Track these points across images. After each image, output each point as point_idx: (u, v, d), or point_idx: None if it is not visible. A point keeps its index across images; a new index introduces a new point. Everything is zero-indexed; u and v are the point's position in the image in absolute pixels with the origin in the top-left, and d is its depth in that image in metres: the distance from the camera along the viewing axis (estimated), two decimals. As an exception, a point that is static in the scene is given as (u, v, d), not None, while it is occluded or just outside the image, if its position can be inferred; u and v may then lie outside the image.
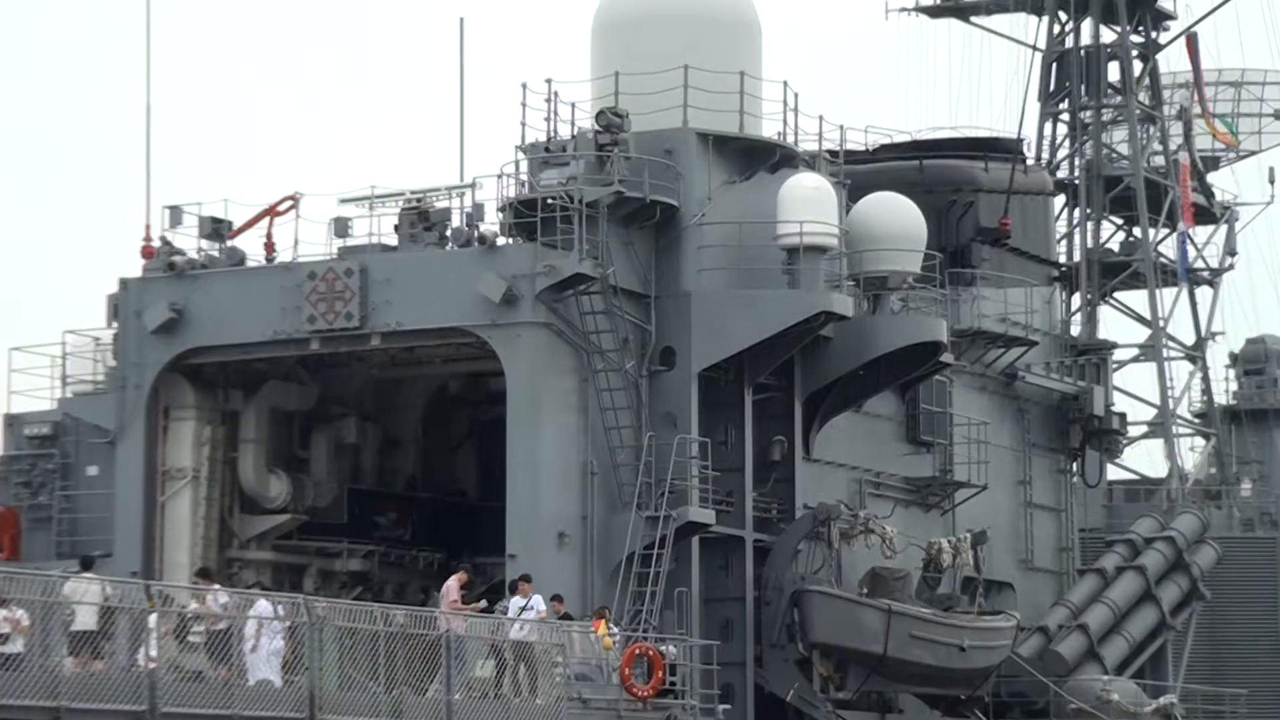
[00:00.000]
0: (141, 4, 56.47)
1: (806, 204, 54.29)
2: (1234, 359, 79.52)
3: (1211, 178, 79.03)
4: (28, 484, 56.53)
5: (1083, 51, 78.26)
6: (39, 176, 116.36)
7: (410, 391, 58.34)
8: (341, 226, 55.02)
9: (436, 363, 55.88)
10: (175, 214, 55.49)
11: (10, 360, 57.14)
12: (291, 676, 41.33)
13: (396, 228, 54.74)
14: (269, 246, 55.41)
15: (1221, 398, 78.89)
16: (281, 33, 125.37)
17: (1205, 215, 78.71)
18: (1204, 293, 79.00)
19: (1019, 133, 75.26)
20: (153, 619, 40.00)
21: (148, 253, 55.36)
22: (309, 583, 53.66)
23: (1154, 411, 76.87)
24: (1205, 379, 78.68)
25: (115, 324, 55.70)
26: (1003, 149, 69.96)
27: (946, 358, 57.90)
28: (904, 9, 78.53)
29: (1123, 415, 72.45)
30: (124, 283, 55.46)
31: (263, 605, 42.87)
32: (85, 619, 38.95)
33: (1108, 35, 78.09)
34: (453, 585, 47.20)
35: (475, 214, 54.27)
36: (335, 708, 40.65)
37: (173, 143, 55.89)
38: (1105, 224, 78.19)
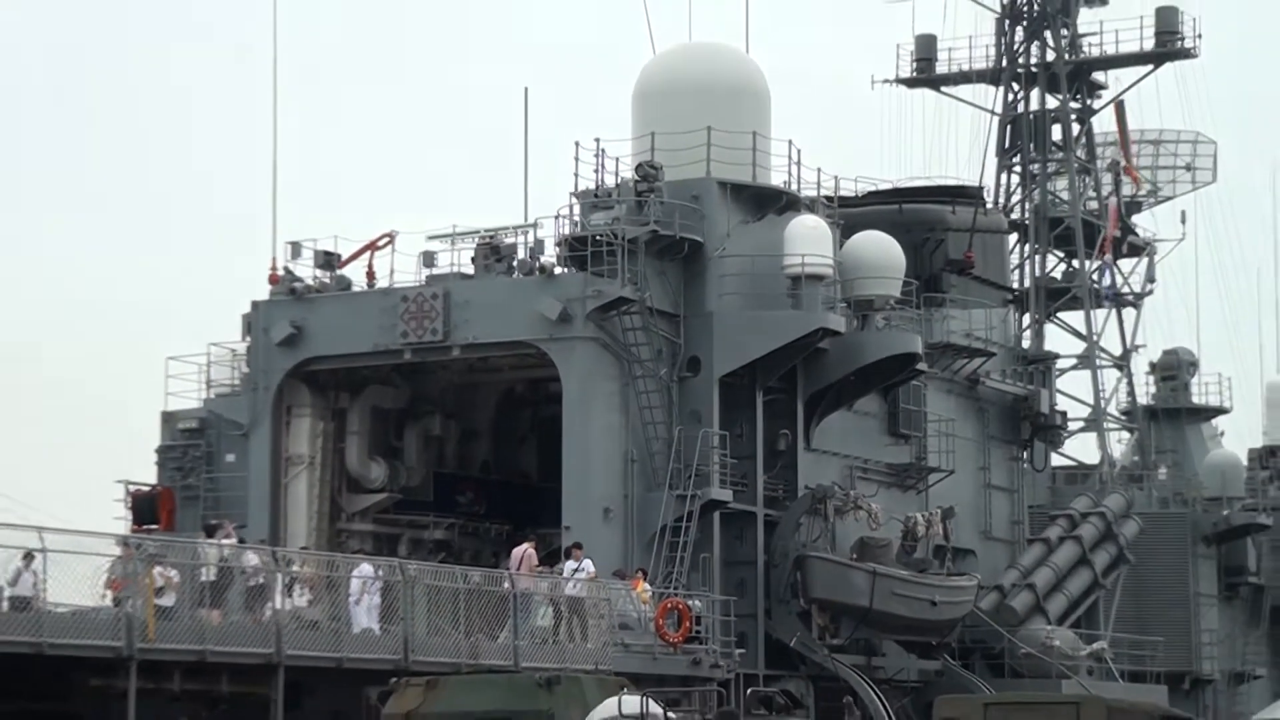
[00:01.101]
0: (268, 79, 56.64)
1: (807, 240, 54.07)
2: (1153, 367, 79.24)
3: (1135, 219, 78.72)
4: (180, 468, 56.51)
5: (1031, 116, 78.09)
6: (191, 216, 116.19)
7: (484, 393, 58.11)
8: (428, 258, 55.09)
9: (505, 370, 55.71)
10: (295, 248, 55.54)
11: (166, 368, 57.09)
12: (388, 625, 41.25)
13: (473, 259, 54.74)
14: (370, 275, 55.34)
15: (1143, 399, 78.56)
16: (378, 97, 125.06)
17: (1131, 250, 78.45)
18: (1129, 313, 78.69)
19: (980, 181, 75.35)
20: (278, 578, 40.20)
21: (274, 280, 55.38)
22: (402, 549, 53.54)
23: (1089, 410, 76.61)
24: (1130, 384, 78.46)
25: (248, 338, 55.66)
26: (966, 195, 69.75)
27: (921, 366, 57.58)
28: (886, 80, 78.37)
29: (1064, 413, 72.23)
30: (255, 305, 55.43)
31: (365, 567, 42.85)
32: (209, 573, 39.03)
33: (1052, 102, 77.87)
34: (530, 553, 47.13)
35: (537, 248, 54.39)
36: (424, 650, 40.61)
37: (293, 187, 55.85)
38: (1050, 257, 78.00)
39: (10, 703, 33.07)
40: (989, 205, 72.98)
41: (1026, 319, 73.62)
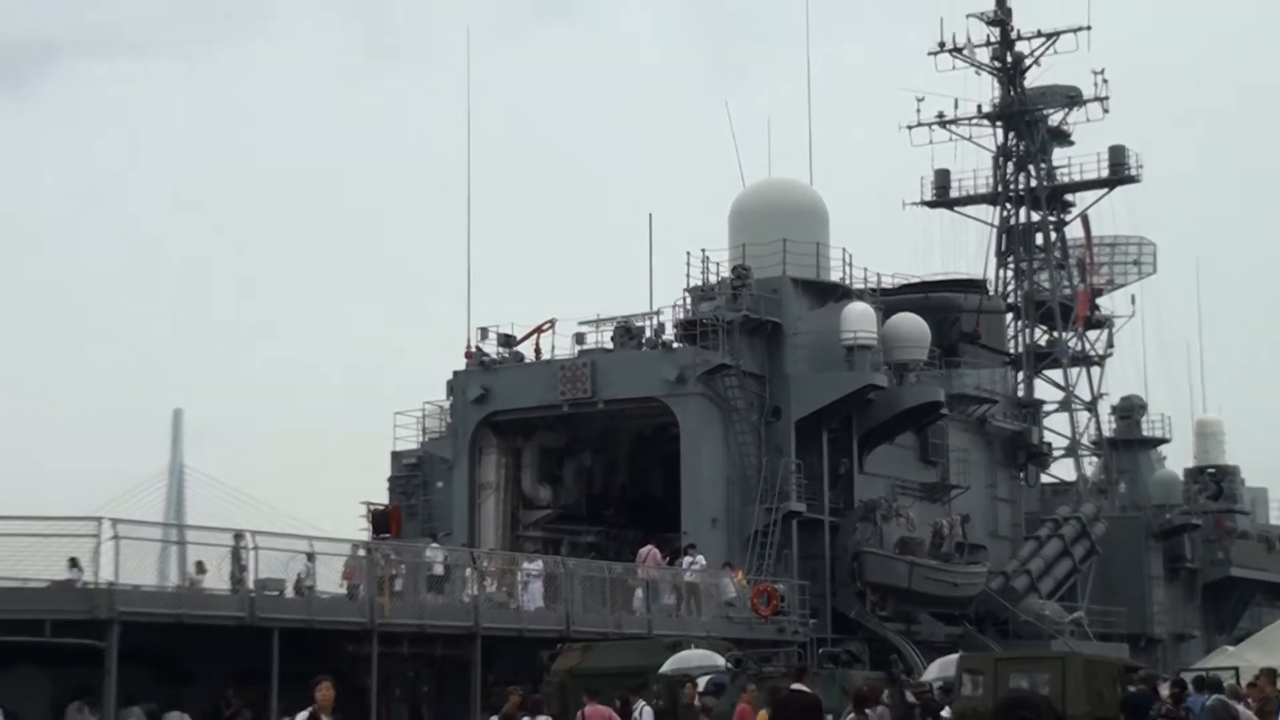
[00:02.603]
0: (463, 206, 56.99)
1: (858, 320, 53.98)
2: (1114, 410, 78.71)
3: (1099, 300, 78.38)
4: (404, 492, 56.85)
5: (1020, 227, 77.90)
6: (410, 310, 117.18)
7: (622, 435, 58.02)
8: (580, 337, 54.97)
9: (637, 418, 55.50)
10: (483, 332, 55.55)
11: (394, 420, 57.72)
12: (554, 605, 41.45)
13: (612, 338, 54.70)
14: (537, 350, 55.33)
15: (1107, 433, 78.07)
16: (544, 219, 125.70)
17: (1095, 324, 78.17)
18: (1095, 370, 78.32)
19: (984, 275, 75.09)
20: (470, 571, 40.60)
21: (469, 355, 55.47)
22: (563, 550, 53.50)
23: (1067, 441, 76.21)
24: (1097, 422, 77.89)
25: (451, 398, 55.87)
26: (974, 286, 69.85)
27: (943, 411, 57.55)
28: (913, 203, 78.34)
29: (1049, 444, 71.89)
30: (456, 373, 55.55)
31: (537, 563, 43.13)
32: (437, 569, 39.38)
33: (1035, 217, 77.66)
34: (655, 552, 47.35)
35: (659, 329, 54.52)
36: (581, 623, 40.81)
37: (481, 286, 56.39)
38: (1036, 330, 77.69)
39: (291, 664, 33.38)
40: (991, 293, 72.90)
41: (1020, 376, 73.24)
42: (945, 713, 29.84)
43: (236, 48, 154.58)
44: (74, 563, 31.78)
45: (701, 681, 30.28)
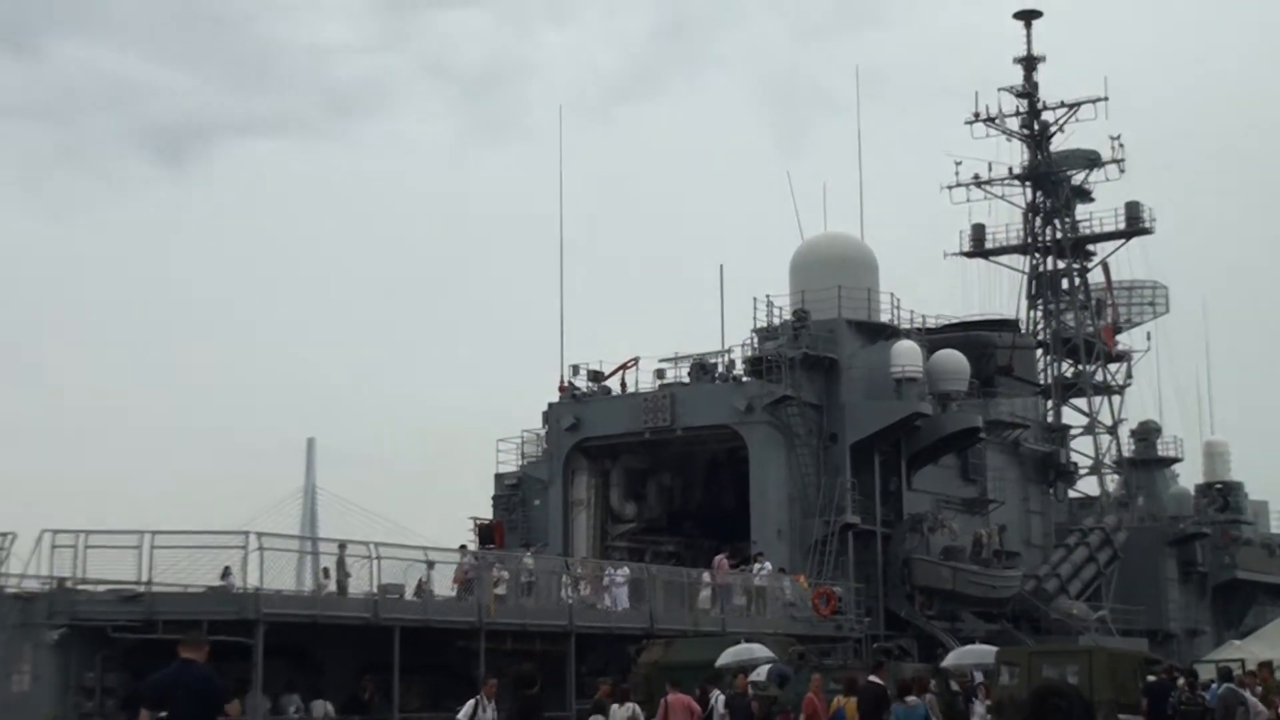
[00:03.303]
0: (555, 257, 57.19)
1: (905, 357, 53.85)
2: (1132, 433, 78.05)
3: (1119, 337, 77.88)
4: (506, 509, 56.78)
5: (1048, 273, 77.47)
6: (510, 349, 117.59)
7: (698, 458, 57.75)
8: (660, 373, 54.98)
9: (711, 443, 55.27)
10: (575, 369, 55.71)
11: (496, 446, 57.83)
12: (639, 606, 41.39)
13: (689, 373, 54.73)
14: (623, 384, 55.49)
15: (1127, 453, 77.44)
16: (624, 267, 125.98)
17: (1117, 357, 77.67)
18: (1116, 398, 77.74)
19: (1016, 316, 74.72)
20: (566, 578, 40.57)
21: (562, 389, 55.59)
22: (647, 558, 53.36)
23: (1092, 461, 75.65)
24: (1117, 444, 77.28)
25: (546, 426, 55.93)
26: (1007, 325, 69.48)
27: (981, 435, 57.33)
28: (954, 253, 77.98)
29: (1075, 464, 71.52)
30: (551, 405, 55.69)
31: (624, 570, 43.06)
32: (527, 577, 39.32)
33: (1061, 264, 77.21)
34: (724, 560, 47.20)
35: (730, 365, 54.45)
36: (663, 621, 40.71)
37: (573, 327, 56.48)
38: (1063, 363, 77.17)
39: (410, 658, 33.51)
40: (1022, 331, 72.57)
41: (1049, 403, 72.78)
42: (979, 701, 29.62)
43: (366, 126, 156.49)
44: (227, 571, 32.13)
45: (762, 671, 30.21)
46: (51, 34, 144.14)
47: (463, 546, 39.70)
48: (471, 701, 21.61)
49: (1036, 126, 76.17)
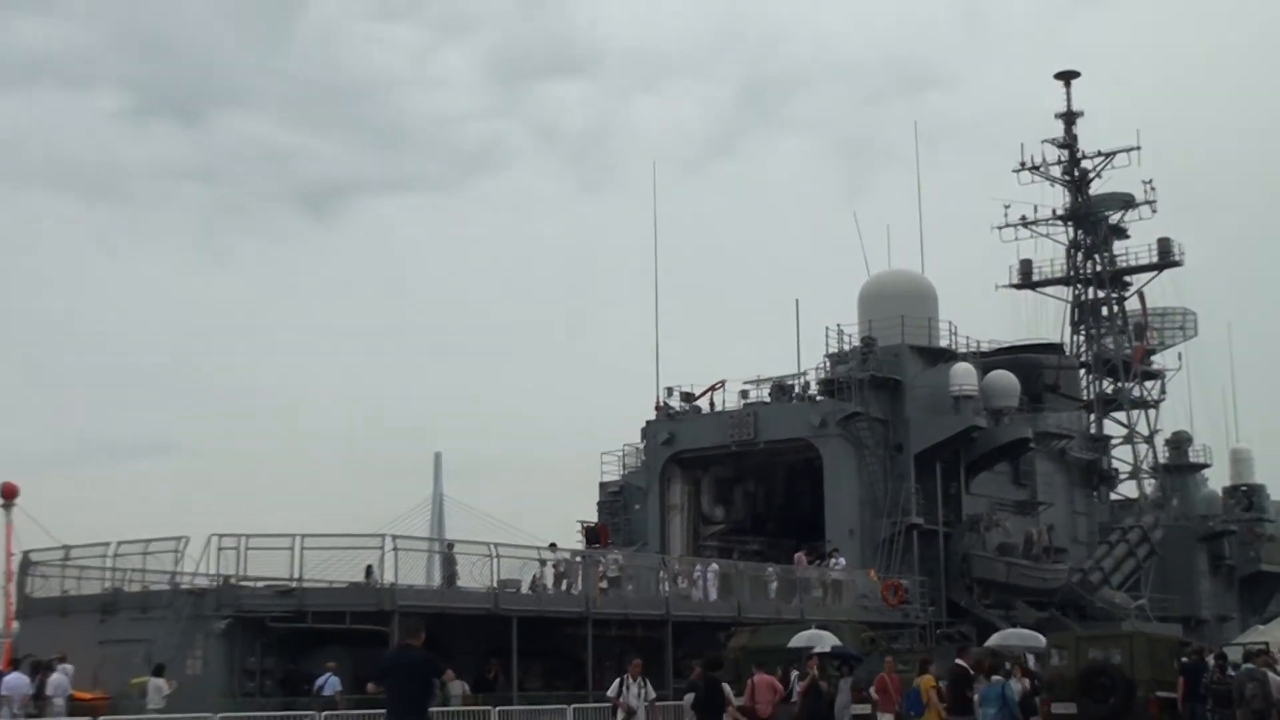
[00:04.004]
0: (651, 291, 57.23)
1: (962, 377, 53.37)
2: (1166, 442, 76.73)
3: (1153, 357, 76.72)
4: (610, 513, 56.75)
5: (1089, 302, 76.43)
6: (612, 374, 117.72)
7: (779, 467, 57.39)
8: (744, 394, 54.89)
9: (789, 454, 54.93)
10: (669, 391, 55.74)
11: (600, 459, 57.73)
12: (727, 597, 41.15)
13: (770, 393, 54.58)
14: (711, 404, 55.35)
15: (1162, 460, 76.19)
16: (714, 303, 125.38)
17: (1152, 375, 76.59)
18: (1152, 412, 76.54)
19: (1061, 340, 73.86)
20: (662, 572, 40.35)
21: (658, 408, 55.62)
22: (735, 555, 53.21)
23: (1130, 467, 74.48)
24: (1153, 451, 75.96)
25: (645, 440, 55.91)
26: (1053, 349, 68.95)
27: (1031, 445, 56.83)
28: (1004, 285, 76.93)
29: (1116, 470, 70.69)
30: (648, 422, 55.70)
31: (714, 566, 42.85)
32: (613, 571, 39.33)
33: (1101, 294, 76.16)
34: (802, 556, 46.87)
35: (806, 386, 54.26)
36: (749, 610, 40.50)
37: (668, 355, 56.44)
38: (1104, 381, 76.11)
39: (524, 643, 33.52)
40: (1067, 354, 71.87)
41: (1092, 417, 71.83)
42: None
43: (486, 183, 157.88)
44: (369, 570, 32.31)
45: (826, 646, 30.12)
46: (215, 107, 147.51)
47: (552, 545, 39.46)
48: (618, 680, 21.83)
49: (1076, 173, 75.29)
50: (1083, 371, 74.44)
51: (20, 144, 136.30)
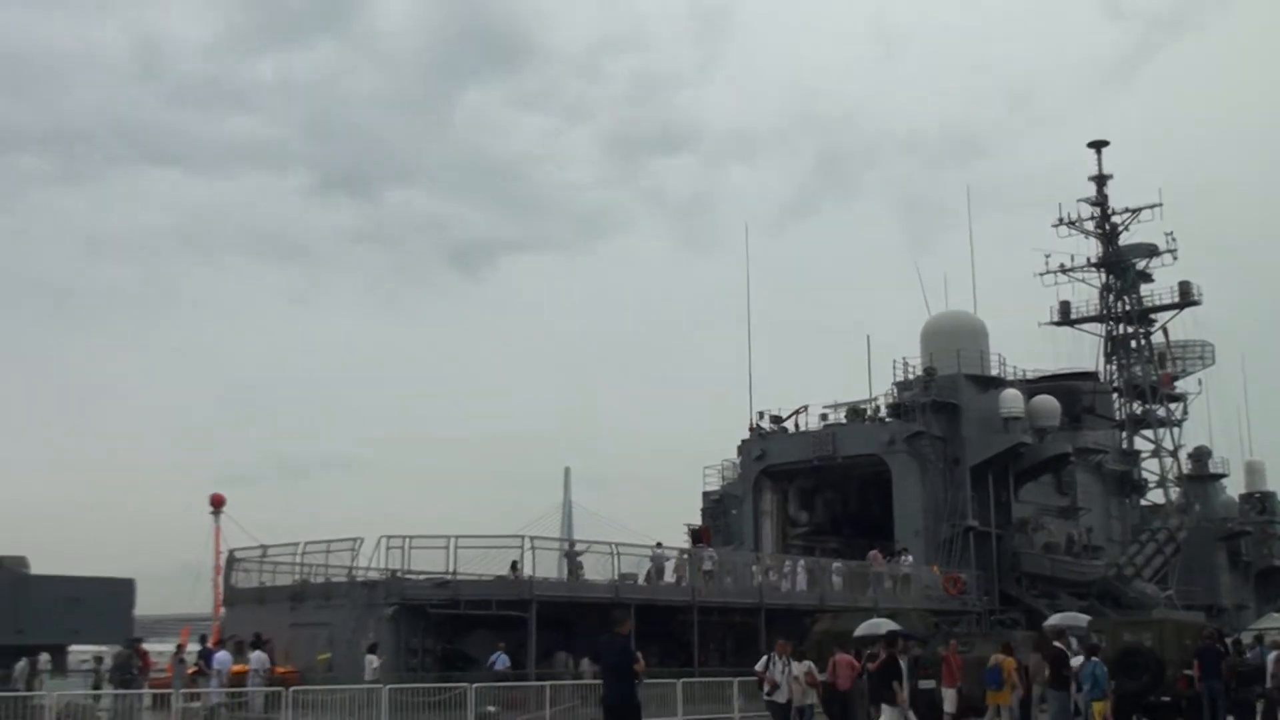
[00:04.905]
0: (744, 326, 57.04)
1: (1011, 401, 52.71)
2: (1189, 456, 75.05)
3: (1177, 383, 75.04)
4: (712, 517, 56.54)
5: (1120, 336, 74.96)
6: (712, 401, 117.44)
7: (854, 479, 56.67)
8: (824, 417, 54.54)
9: (863, 468, 54.38)
10: (761, 414, 55.52)
11: (703, 472, 57.80)
12: (813, 588, 40.86)
13: (845, 416, 54.19)
14: (796, 425, 55.03)
15: (1185, 471, 74.45)
16: (793, 336, 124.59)
17: (1176, 398, 74.95)
18: (1176, 430, 74.86)
19: (1096, 369, 72.63)
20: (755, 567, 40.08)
21: (751, 428, 55.41)
22: (817, 553, 52.74)
23: (1157, 478, 72.87)
24: (1178, 464, 74.21)
25: (740, 456, 55.70)
26: (1090, 376, 67.71)
27: (1071, 459, 55.97)
28: (1046, 323, 75.58)
29: (1145, 479, 69.34)
30: (743, 441, 55.41)
31: (801, 561, 42.55)
32: (708, 565, 38.46)
33: (1130, 329, 74.69)
34: (877, 554, 46.37)
35: (877, 409, 53.79)
36: (831, 599, 40.17)
37: (760, 384, 56.40)
38: (1135, 403, 74.62)
39: (641, 627, 33.43)
40: (1101, 380, 70.64)
41: (1124, 434, 70.48)
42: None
43: (605, 243, 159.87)
44: (514, 565, 32.57)
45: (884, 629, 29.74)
46: (384, 182, 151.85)
47: (658, 543, 39.38)
48: (764, 658, 22.13)
49: (1107, 227, 74.09)
50: (1115, 395, 73.14)
51: (227, 218, 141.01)
